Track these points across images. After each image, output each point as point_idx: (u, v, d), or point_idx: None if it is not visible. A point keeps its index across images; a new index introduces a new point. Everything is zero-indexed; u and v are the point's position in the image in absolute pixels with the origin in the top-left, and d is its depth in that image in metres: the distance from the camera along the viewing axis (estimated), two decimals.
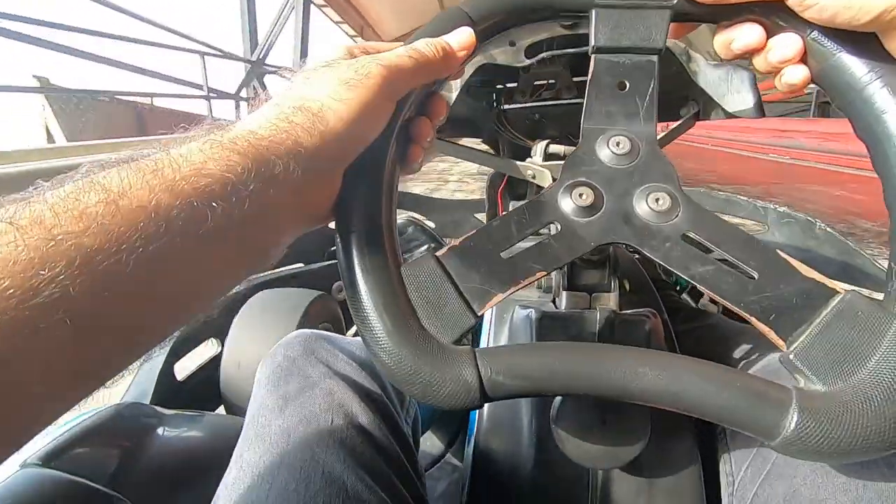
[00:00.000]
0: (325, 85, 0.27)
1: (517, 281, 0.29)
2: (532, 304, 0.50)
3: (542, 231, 0.31)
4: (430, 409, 0.56)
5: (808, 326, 0.27)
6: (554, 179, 0.43)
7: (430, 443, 0.69)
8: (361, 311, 0.28)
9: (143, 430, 0.54)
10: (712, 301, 0.91)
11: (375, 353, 0.27)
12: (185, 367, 0.81)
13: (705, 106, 0.52)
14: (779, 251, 0.28)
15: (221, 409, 0.85)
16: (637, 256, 0.64)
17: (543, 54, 0.50)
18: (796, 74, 0.29)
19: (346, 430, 0.39)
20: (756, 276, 0.28)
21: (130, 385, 0.73)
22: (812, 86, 0.30)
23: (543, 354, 0.28)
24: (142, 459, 0.51)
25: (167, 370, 0.76)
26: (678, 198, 0.30)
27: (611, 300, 0.47)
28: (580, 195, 0.30)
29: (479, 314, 0.29)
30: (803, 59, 0.29)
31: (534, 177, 0.60)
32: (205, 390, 0.83)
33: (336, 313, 0.97)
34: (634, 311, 0.47)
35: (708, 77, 0.44)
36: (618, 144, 0.32)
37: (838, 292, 0.27)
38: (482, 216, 1.30)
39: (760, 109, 0.41)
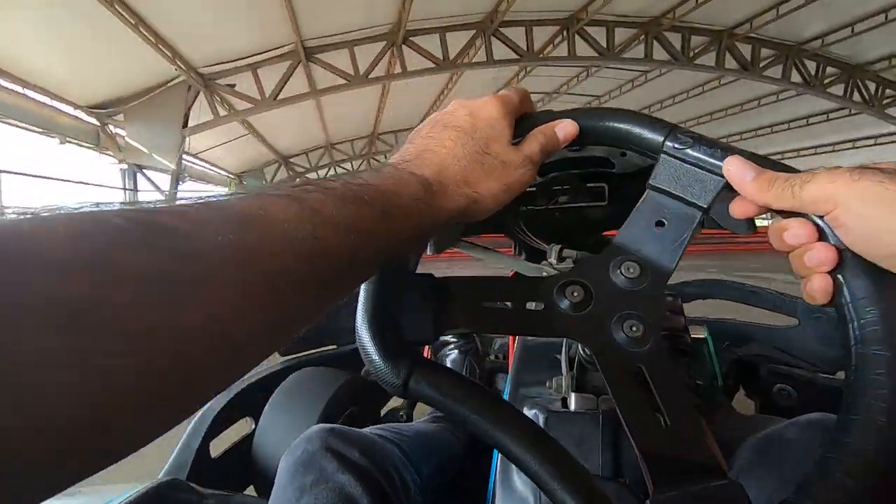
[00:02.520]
0: (493, 182, 0.35)
1: (483, 328, 0.36)
2: (541, 403, 0.53)
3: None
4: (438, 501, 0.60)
5: (678, 490, 0.28)
6: None
7: None
8: (360, 302, 0.33)
9: None
10: (748, 395, 0.92)
11: (357, 332, 0.33)
12: (219, 445, 0.82)
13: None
14: (702, 419, 0.31)
15: (251, 488, 0.87)
16: None
17: (554, 173, 0.60)
18: (821, 286, 0.30)
19: None
20: (668, 425, 0.30)
21: (170, 460, 0.75)
22: None
23: (464, 393, 0.32)
24: None
25: (203, 447, 0.78)
26: (651, 335, 0.33)
27: None
28: (573, 292, 0.34)
29: (437, 336, 0.34)
30: (832, 272, 0.30)
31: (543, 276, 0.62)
32: (236, 469, 0.84)
33: (364, 396, 0.98)
34: None
35: None
36: (629, 269, 0.34)
37: (726, 479, 0.29)
38: None
39: (751, 226, 0.43)
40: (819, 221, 0.30)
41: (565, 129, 0.38)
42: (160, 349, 0.16)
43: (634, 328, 0.32)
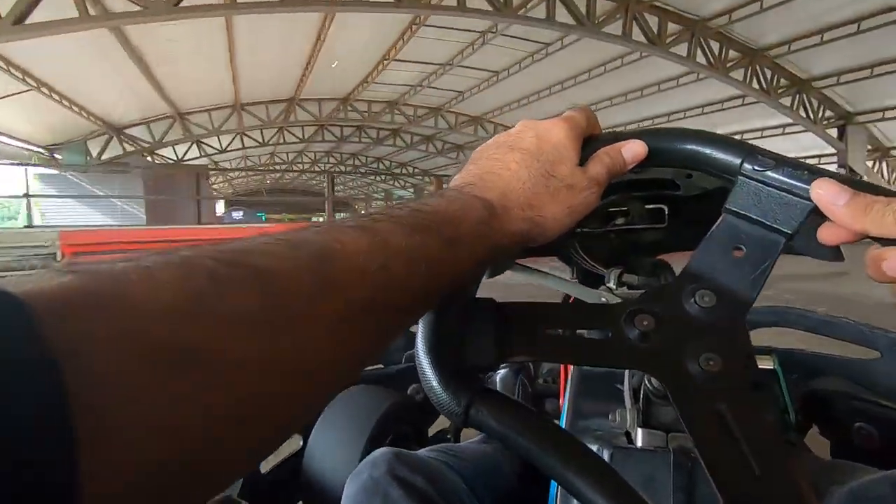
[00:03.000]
0: (557, 205, 0.34)
1: (547, 356, 0.34)
2: (604, 437, 0.50)
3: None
4: None
5: None
6: None
7: None
8: (420, 328, 0.32)
9: None
10: (822, 434, 0.85)
11: (417, 358, 0.32)
12: (267, 461, 0.83)
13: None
14: (801, 480, 0.27)
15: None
16: None
17: (614, 196, 0.55)
18: None
19: None
20: (759, 474, 0.27)
21: None
22: None
23: (527, 425, 0.30)
24: None
25: None
26: (731, 371, 0.30)
27: (689, 441, 0.39)
28: (643, 321, 0.32)
29: (499, 363, 0.33)
30: None
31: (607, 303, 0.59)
32: (286, 485, 0.86)
33: (414, 416, 0.97)
34: None
35: None
36: (704, 298, 0.32)
37: None
38: None
39: (838, 254, 0.39)
40: None
41: (633, 150, 0.37)
42: (252, 385, 0.18)
43: (712, 362, 0.30)
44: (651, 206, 0.58)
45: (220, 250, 0.19)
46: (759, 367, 0.61)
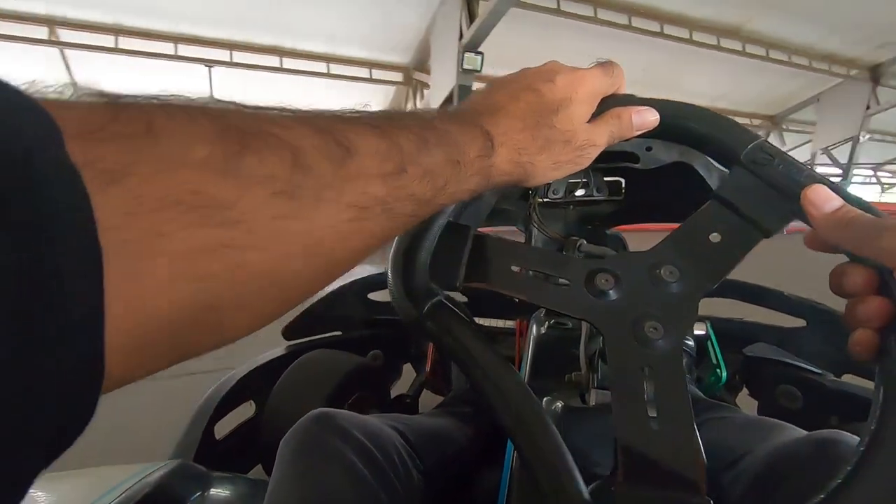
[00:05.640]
0: (547, 157, 0.34)
1: (506, 288, 0.35)
2: (558, 396, 0.52)
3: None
4: (440, 488, 0.60)
5: (646, 491, 0.28)
6: None
7: None
8: (396, 240, 0.36)
9: (196, 489, 0.59)
10: (751, 395, 0.97)
11: (388, 265, 0.35)
12: (221, 427, 0.86)
13: None
14: (699, 437, 0.29)
15: (257, 468, 0.91)
16: None
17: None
18: (865, 339, 0.29)
19: None
20: (656, 428, 0.29)
21: (176, 442, 0.78)
22: None
23: (472, 346, 0.32)
24: None
25: (209, 430, 0.80)
26: (669, 341, 0.32)
27: None
28: (604, 279, 0.34)
29: (461, 284, 0.35)
30: (884, 329, 0.28)
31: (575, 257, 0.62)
32: (241, 451, 0.88)
33: (372, 381, 1.00)
34: None
35: None
36: (668, 273, 0.33)
37: (702, 499, 0.27)
38: None
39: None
40: (886, 275, 0.29)
41: (644, 117, 0.37)
42: (274, 249, 0.18)
43: (655, 329, 0.32)
44: (610, 179, 0.60)
45: (247, 115, 0.20)
46: (694, 332, 0.71)
